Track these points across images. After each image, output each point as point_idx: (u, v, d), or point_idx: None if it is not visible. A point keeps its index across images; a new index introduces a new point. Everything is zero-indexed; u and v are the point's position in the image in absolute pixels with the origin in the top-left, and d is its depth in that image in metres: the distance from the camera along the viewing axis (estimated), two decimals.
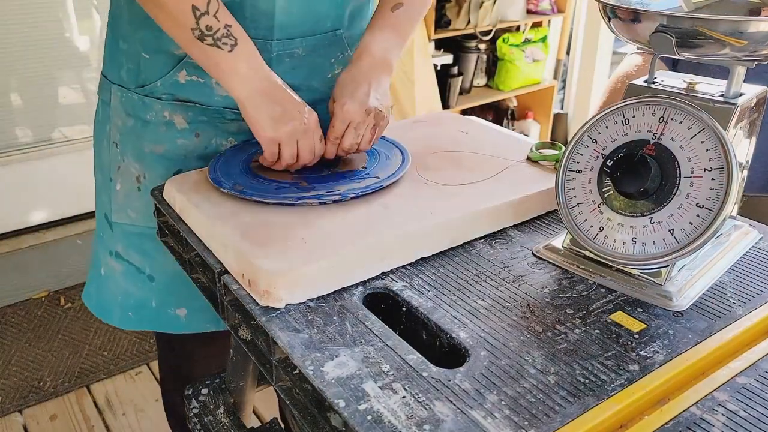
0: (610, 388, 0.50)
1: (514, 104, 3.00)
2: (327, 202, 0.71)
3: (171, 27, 0.74)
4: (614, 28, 0.61)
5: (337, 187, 0.74)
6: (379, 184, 0.74)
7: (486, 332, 0.56)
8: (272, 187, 0.75)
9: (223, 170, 0.78)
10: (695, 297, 0.61)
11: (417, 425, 0.46)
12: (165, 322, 0.98)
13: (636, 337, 0.55)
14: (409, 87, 2.26)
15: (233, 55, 0.73)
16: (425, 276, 0.65)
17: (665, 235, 0.58)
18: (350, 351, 0.53)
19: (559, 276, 0.65)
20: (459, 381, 0.50)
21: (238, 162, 0.82)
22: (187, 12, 0.70)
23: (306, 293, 0.60)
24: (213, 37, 0.72)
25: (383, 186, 0.74)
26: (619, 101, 0.62)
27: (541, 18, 2.77)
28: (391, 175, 0.76)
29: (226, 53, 0.72)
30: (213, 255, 0.68)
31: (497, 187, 0.76)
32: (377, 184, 0.74)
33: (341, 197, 0.71)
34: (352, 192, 0.72)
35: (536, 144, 0.85)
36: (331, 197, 0.71)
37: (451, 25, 2.44)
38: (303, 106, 0.76)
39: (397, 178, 0.76)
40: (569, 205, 0.64)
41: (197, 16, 0.71)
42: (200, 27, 0.71)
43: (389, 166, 0.79)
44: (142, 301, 0.97)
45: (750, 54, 0.55)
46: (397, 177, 0.76)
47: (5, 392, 1.72)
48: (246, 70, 0.74)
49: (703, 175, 0.57)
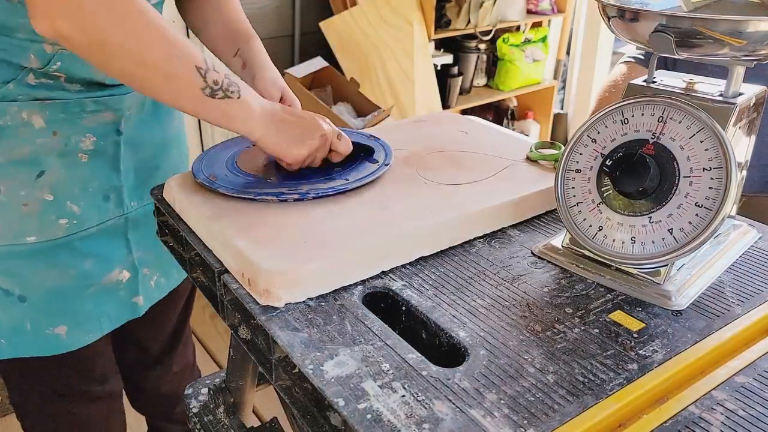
0: (609, 387, 0.50)
1: (514, 104, 3.00)
2: (288, 200, 0.72)
3: (178, 95, 0.71)
4: (614, 28, 0.61)
5: (302, 186, 0.74)
6: (345, 187, 0.74)
7: (485, 331, 0.56)
8: (241, 181, 0.76)
9: (207, 162, 0.80)
10: (694, 296, 0.61)
11: (416, 424, 0.46)
12: (44, 345, 0.94)
13: (635, 337, 0.56)
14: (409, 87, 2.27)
15: (242, 100, 0.72)
16: (425, 275, 0.65)
17: (664, 234, 0.58)
18: (350, 350, 0.53)
19: (559, 275, 0.65)
20: (458, 380, 0.50)
21: (225, 155, 0.83)
22: (194, 74, 0.69)
23: (306, 292, 0.60)
24: (222, 90, 0.70)
25: (348, 189, 0.74)
26: (618, 101, 0.62)
27: (541, 18, 2.77)
28: (360, 178, 0.76)
29: (237, 100, 0.71)
30: (213, 254, 0.68)
31: (497, 186, 0.76)
32: (342, 187, 0.74)
33: (301, 196, 0.72)
34: (313, 192, 0.73)
35: (536, 144, 0.85)
36: (292, 195, 0.72)
37: (451, 25, 2.44)
38: (315, 119, 0.77)
39: (364, 183, 0.75)
40: (568, 205, 0.64)
41: (203, 75, 0.69)
42: (209, 84, 0.69)
43: (365, 168, 0.79)
44: (15, 325, 0.92)
45: (749, 54, 0.55)
46: (365, 181, 0.75)
47: (5, 392, 1.72)
48: (258, 109, 0.73)
49: (702, 174, 0.57)
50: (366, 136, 0.88)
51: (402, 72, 2.26)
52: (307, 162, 0.78)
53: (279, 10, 2.26)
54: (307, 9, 2.32)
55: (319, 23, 2.27)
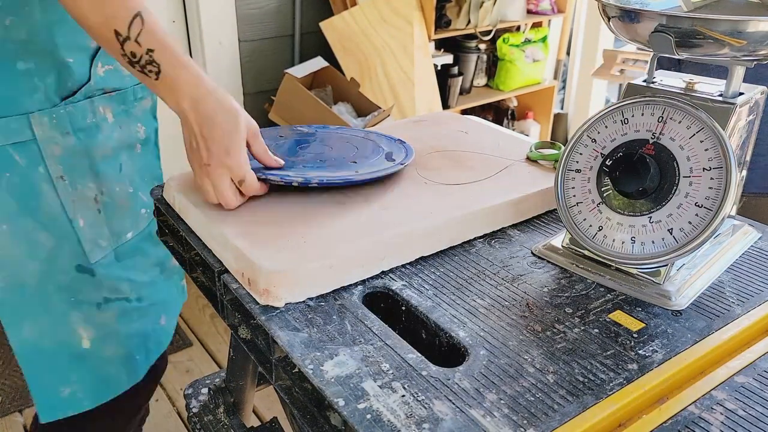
0: (608, 387, 0.50)
1: (514, 104, 3.00)
2: (293, 184, 0.71)
3: (106, 47, 0.69)
4: (614, 28, 0.61)
5: (310, 173, 0.73)
6: (350, 179, 0.73)
7: (485, 331, 0.56)
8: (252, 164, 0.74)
9: None
10: (694, 296, 0.61)
11: (416, 424, 0.46)
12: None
13: (635, 337, 0.56)
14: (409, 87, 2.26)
15: (160, 82, 0.68)
16: (425, 275, 0.65)
17: (664, 234, 0.58)
18: (350, 350, 0.53)
19: (558, 275, 0.65)
20: (458, 380, 0.50)
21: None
22: (112, 37, 0.66)
23: (306, 292, 0.60)
24: (139, 64, 0.67)
25: (353, 181, 0.73)
26: (618, 101, 0.62)
27: (541, 18, 2.76)
28: (370, 172, 0.75)
29: (153, 81, 0.68)
30: (212, 254, 0.68)
31: (497, 186, 0.76)
32: (349, 178, 0.73)
33: (305, 181, 0.71)
34: (317, 180, 0.72)
35: (536, 144, 0.85)
36: (296, 179, 0.71)
37: (451, 25, 2.44)
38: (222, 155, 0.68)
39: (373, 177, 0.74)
40: (568, 205, 0.64)
41: (121, 42, 0.66)
42: (126, 54, 0.67)
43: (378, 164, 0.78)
44: (153, 331, 0.95)
45: (749, 54, 0.55)
46: (374, 176, 0.74)
47: (5, 392, 1.72)
48: (176, 99, 0.68)
49: (702, 174, 0.57)
50: (393, 140, 0.87)
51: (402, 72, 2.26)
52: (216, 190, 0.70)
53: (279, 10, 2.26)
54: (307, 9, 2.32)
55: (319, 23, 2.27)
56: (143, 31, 0.66)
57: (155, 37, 0.67)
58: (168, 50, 0.68)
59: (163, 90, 0.69)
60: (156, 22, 0.68)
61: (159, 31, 0.67)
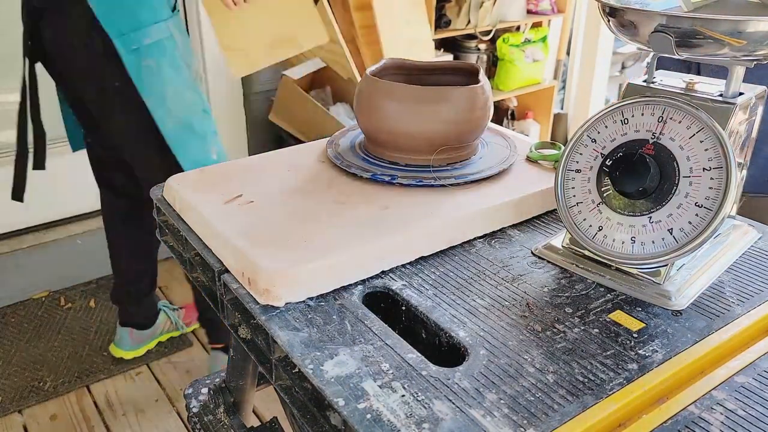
0: (608, 387, 0.50)
1: (514, 104, 3.00)
2: (398, 184, 0.75)
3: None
4: (614, 28, 0.61)
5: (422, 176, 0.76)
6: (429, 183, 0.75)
7: (485, 331, 0.56)
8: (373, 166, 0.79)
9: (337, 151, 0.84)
10: (694, 296, 0.61)
11: (416, 424, 0.46)
12: None
13: (635, 336, 0.56)
14: None
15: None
16: (425, 275, 0.65)
17: (664, 234, 0.58)
18: (350, 350, 0.53)
19: (558, 275, 0.65)
20: (458, 380, 0.50)
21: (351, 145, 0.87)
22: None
23: (306, 292, 0.60)
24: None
25: (482, 177, 0.76)
26: (618, 101, 0.62)
27: (541, 18, 2.77)
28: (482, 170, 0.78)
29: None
30: (213, 254, 0.68)
31: (497, 186, 0.76)
32: (479, 174, 0.77)
33: (391, 179, 0.75)
34: (405, 180, 0.75)
35: (536, 144, 0.85)
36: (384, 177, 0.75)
37: (451, 25, 2.44)
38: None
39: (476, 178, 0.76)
40: (568, 205, 0.64)
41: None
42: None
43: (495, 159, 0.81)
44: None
45: (749, 54, 0.55)
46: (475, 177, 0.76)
47: (5, 392, 1.72)
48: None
49: (702, 174, 0.57)
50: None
51: None
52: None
53: None
54: None
55: None
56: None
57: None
58: None
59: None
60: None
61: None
